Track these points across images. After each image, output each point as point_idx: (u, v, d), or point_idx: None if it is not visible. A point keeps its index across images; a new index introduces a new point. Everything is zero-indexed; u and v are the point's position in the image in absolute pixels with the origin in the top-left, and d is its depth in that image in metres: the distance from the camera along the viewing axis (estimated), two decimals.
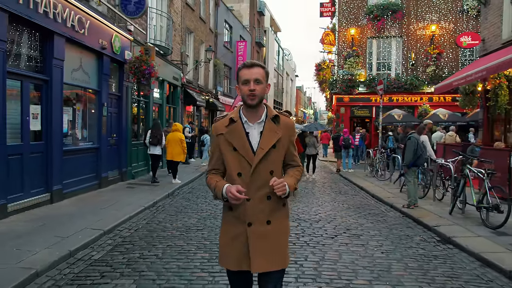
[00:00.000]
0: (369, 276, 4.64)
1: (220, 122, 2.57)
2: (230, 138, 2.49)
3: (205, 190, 10.86)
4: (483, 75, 10.53)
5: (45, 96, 7.80)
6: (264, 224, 2.47)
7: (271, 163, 2.48)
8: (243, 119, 2.53)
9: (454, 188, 8.21)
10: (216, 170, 2.62)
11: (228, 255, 2.53)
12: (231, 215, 2.53)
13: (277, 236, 2.50)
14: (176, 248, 5.60)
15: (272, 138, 2.47)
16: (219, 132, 2.53)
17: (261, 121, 2.52)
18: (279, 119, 2.53)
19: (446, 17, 22.02)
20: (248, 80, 2.45)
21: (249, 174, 2.43)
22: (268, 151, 2.45)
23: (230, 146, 2.49)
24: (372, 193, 10.93)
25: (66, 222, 6.58)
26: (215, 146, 2.58)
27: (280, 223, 2.53)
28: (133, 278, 4.44)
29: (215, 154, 2.60)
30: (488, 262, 5.18)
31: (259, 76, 2.46)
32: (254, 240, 2.44)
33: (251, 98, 2.44)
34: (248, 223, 2.45)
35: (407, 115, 20.32)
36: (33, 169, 7.46)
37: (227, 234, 2.55)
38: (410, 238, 6.47)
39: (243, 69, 2.50)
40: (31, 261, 4.67)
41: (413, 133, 9.14)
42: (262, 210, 2.46)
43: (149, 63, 11.16)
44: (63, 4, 7.90)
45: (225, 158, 2.53)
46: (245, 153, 2.46)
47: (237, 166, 2.48)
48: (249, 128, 2.51)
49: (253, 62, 2.54)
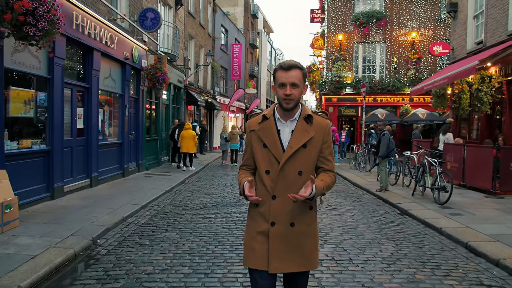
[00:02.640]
0: (341, 230, 6.58)
1: (254, 119, 2.55)
2: (261, 134, 2.46)
3: (211, 179, 12.75)
4: (445, 82, 12.56)
5: (86, 100, 9.63)
6: (287, 226, 2.41)
7: (300, 164, 2.41)
8: (276, 116, 2.49)
9: (416, 175, 10.20)
10: (247, 166, 2.61)
11: (249, 253, 2.47)
12: (256, 211, 2.48)
13: (300, 239, 2.43)
14: (199, 216, 7.48)
15: (303, 138, 2.40)
16: (252, 128, 2.52)
17: (294, 119, 2.46)
18: (312, 119, 2.45)
19: (425, 24, 24.08)
20: (285, 83, 2.36)
21: (277, 172, 2.39)
22: (297, 150, 2.39)
23: (261, 143, 2.46)
24: (353, 181, 12.88)
25: (110, 199, 8.43)
26: (248, 142, 2.57)
27: (305, 226, 2.46)
28: (175, 232, 6.33)
29: (247, 151, 2.59)
30: (428, 224, 7.14)
31: (296, 80, 2.36)
32: (274, 240, 2.39)
33: (287, 102, 2.38)
34: (272, 223, 2.40)
35: (389, 114, 22.40)
36: (78, 159, 9.30)
37: (250, 231, 2.51)
38: (377, 211, 8.41)
39: (280, 71, 2.40)
40: (101, 222, 6.53)
41: (385, 130, 11.12)
42: (287, 211, 2.40)
43: (162, 70, 12.98)
44: (100, 25, 9.72)
45: (255, 154, 2.50)
46: (274, 150, 2.41)
47: (266, 163, 2.43)
48: (281, 125, 2.47)
49: (291, 63, 2.39)
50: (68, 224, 6.25)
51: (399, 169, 12.08)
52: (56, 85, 8.01)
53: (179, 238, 5.98)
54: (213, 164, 18.21)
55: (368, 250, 5.56)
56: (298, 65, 2.38)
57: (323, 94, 25.22)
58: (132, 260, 4.98)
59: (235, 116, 35.57)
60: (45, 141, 7.92)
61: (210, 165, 17.60)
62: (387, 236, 6.35)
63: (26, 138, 7.42)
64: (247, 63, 38.03)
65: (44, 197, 7.75)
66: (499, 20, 12.48)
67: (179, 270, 4.64)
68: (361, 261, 5.06)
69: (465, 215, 7.63)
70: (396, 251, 5.53)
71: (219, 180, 12.77)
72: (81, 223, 6.38)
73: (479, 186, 10.31)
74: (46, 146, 7.89)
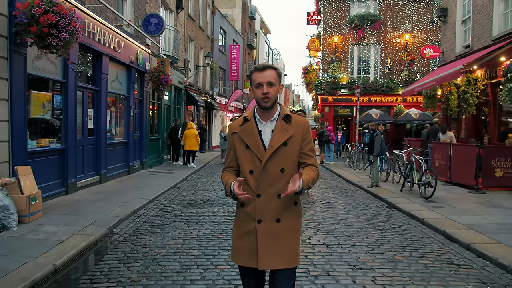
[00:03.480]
0: (332, 221, 7.27)
1: (235, 121, 2.65)
2: (243, 136, 2.55)
3: (212, 176, 13.42)
4: (434, 84, 13.27)
5: (96, 102, 10.28)
6: (274, 222, 2.48)
7: (282, 161, 2.49)
8: (257, 118, 2.58)
9: (404, 171, 10.90)
10: (230, 168, 2.68)
11: (238, 251, 2.56)
12: (243, 211, 2.56)
13: (287, 235, 2.50)
14: (203, 209, 8.15)
15: (282, 136, 2.49)
16: (234, 130, 2.61)
17: (273, 119, 2.55)
18: (290, 118, 2.55)
19: (418, 27, 24.82)
20: (261, 83, 2.47)
21: (260, 171, 2.47)
22: (277, 149, 2.48)
23: (243, 144, 2.55)
24: (347, 179, 13.57)
25: (120, 194, 9.09)
26: (230, 144, 2.65)
27: (290, 221, 2.53)
28: (183, 222, 7.00)
29: (230, 153, 2.67)
30: (413, 216, 7.83)
31: (271, 79, 2.47)
32: (262, 237, 2.46)
33: (265, 101, 2.48)
34: (258, 220, 2.48)
35: (383, 114, 23.13)
36: (89, 157, 9.95)
37: (238, 230, 2.58)
38: (367, 205, 9.10)
39: (255, 72, 2.51)
40: (114, 213, 7.19)
41: (377, 130, 11.83)
42: (272, 208, 2.48)
43: (165, 72, 13.63)
44: (108, 32, 10.36)
45: (238, 156, 2.58)
46: (256, 150, 2.50)
47: (249, 163, 2.52)
48: (262, 126, 2.56)
49: (265, 64, 2.53)
50: (85, 215, 6.91)
51: (389, 167, 12.79)
52: (70, 88, 8.66)
53: (186, 227, 6.65)
54: (213, 163, 18.87)
55: (356, 237, 6.25)
56: (272, 66, 2.52)
57: (319, 95, 25.91)
58: (147, 245, 5.65)
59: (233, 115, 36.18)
60: (60, 140, 8.57)
61: (210, 164, 18.25)
62: (374, 226, 7.03)
63: (44, 137, 8.08)
64: (244, 64, 38.68)
65: (60, 192, 8.41)
66: (484, 26, 13.21)
67: (189, 252, 5.31)
68: (349, 246, 5.75)
69: (447, 208, 8.32)
70: (381, 238, 6.22)
71: (220, 177, 13.39)
72: (97, 214, 7.04)
73: (463, 182, 11.01)
74: (61, 145, 8.55)
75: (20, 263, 4.56)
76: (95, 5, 9.78)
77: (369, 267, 4.87)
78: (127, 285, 4.23)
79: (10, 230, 5.75)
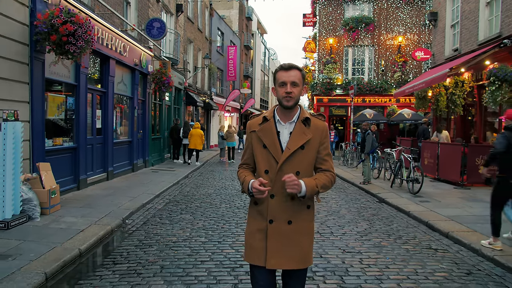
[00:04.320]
0: (326, 213, 7.92)
1: (255, 120, 2.66)
2: (261, 135, 2.55)
3: (212, 174, 14.05)
4: (423, 86, 13.96)
5: (103, 103, 10.88)
6: (285, 224, 2.50)
7: (298, 164, 2.51)
8: (276, 118, 2.58)
9: (394, 169, 11.57)
10: (247, 165, 2.72)
11: (249, 249, 2.58)
12: (255, 210, 2.59)
13: (297, 237, 2.52)
14: (206, 203, 8.78)
15: (300, 140, 2.50)
16: (252, 129, 2.62)
17: (292, 121, 2.55)
18: (310, 121, 2.55)
19: (411, 29, 25.53)
20: (285, 82, 2.47)
21: (275, 172, 2.48)
22: (295, 151, 2.49)
23: (261, 143, 2.56)
24: (340, 176, 14.22)
25: (127, 190, 9.70)
26: (248, 142, 2.68)
27: (302, 224, 2.55)
28: (189, 214, 7.63)
29: (247, 150, 2.69)
30: (400, 209, 8.50)
31: (296, 79, 2.48)
32: (272, 237, 2.49)
33: (287, 100, 2.48)
34: (270, 220, 2.50)
35: (377, 114, 23.82)
36: (97, 155, 10.56)
37: (250, 228, 2.61)
38: (358, 200, 9.76)
39: (280, 71, 2.51)
40: (126, 206, 7.81)
41: (369, 130, 12.49)
42: (285, 209, 2.50)
43: (167, 74, 14.24)
44: (115, 37, 10.96)
45: (255, 154, 2.60)
46: (273, 150, 2.51)
47: (266, 163, 2.54)
48: (280, 127, 2.56)
49: (291, 64, 2.51)
50: (99, 208, 7.53)
51: (381, 165, 13.46)
52: (81, 90, 9.27)
53: (193, 219, 7.28)
54: (212, 161, 19.48)
55: (347, 226, 6.91)
56: (298, 67, 2.52)
57: (314, 95, 26.57)
58: (158, 233, 6.27)
59: (230, 115, 36.85)
60: (72, 139, 9.18)
61: (209, 162, 18.87)
62: (364, 218, 7.69)
63: (58, 136, 8.68)
64: (241, 64, 39.29)
65: (72, 187, 9.01)
66: (471, 31, 13.90)
67: (197, 239, 5.95)
68: (340, 234, 6.40)
69: (432, 202, 9.00)
70: (369, 227, 6.88)
71: (219, 174, 14.06)
72: (109, 207, 7.65)
73: (450, 179, 11.70)
74: (73, 144, 9.16)
75: (50, 247, 5.18)
76: (103, 12, 10.38)
77: (357, 251, 5.52)
78: (146, 265, 4.86)
79: (35, 221, 6.36)
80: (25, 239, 5.48)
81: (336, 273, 4.67)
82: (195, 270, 4.71)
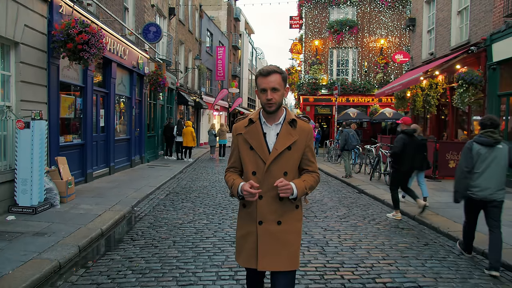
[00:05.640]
0: (311, 201, 8.95)
1: (241, 122, 2.67)
2: (248, 137, 2.57)
3: (205, 169, 15.00)
4: (400, 88, 15.13)
5: (106, 103, 11.75)
6: (275, 224, 2.52)
7: (285, 165, 2.52)
8: (262, 120, 2.59)
9: (373, 163, 12.68)
10: (234, 168, 2.72)
11: (240, 251, 2.63)
12: (245, 212, 2.62)
13: (287, 237, 2.54)
14: (203, 194, 9.74)
15: (287, 140, 2.51)
16: (239, 132, 2.63)
17: (278, 123, 2.56)
18: (296, 123, 2.57)
19: (392, 32, 26.77)
20: (265, 89, 2.46)
21: (263, 173, 2.50)
22: (282, 152, 2.50)
23: (247, 145, 2.56)
24: (325, 171, 15.30)
25: (130, 183, 10.60)
26: (235, 145, 2.67)
27: (291, 224, 2.57)
28: (189, 202, 8.58)
29: (234, 153, 2.70)
30: (376, 198, 9.58)
31: (276, 84, 2.46)
32: (263, 238, 2.51)
33: (269, 106, 2.48)
34: (259, 222, 2.52)
35: (360, 113, 24.96)
36: (101, 151, 11.42)
37: (241, 231, 2.65)
38: (340, 191, 10.82)
39: (260, 77, 2.50)
40: (132, 196, 8.73)
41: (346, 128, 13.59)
42: (274, 210, 2.52)
43: (163, 76, 15.12)
44: (116, 41, 11.83)
45: (242, 157, 2.61)
46: (261, 152, 2.52)
47: (253, 165, 2.55)
48: (267, 129, 2.57)
49: (269, 69, 2.49)
50: (109, 198, 8.44)
51: (362, 160, 14.58)
52: (88, 92, 10.13)
53: (193, 206, 8.24)
54: (203, 158, 20.40)
55: (328, 211, 7.96)
56: (277, 70, 2.49)
57: (301, 95, 27.65)
58: (165, 217, 7.22)
59: (219, 114, 37.77)
60: (80, 136, 10.05)
61: (201, 159, 19.79)
62: (344, 205, 8.75)
63: (68, 134, 9.54)
64: (230, 64, 40.22)
65: (80, 180, 9.87)
66: (445, 37, 15.10)
67: (200, 221, 6.92)
68: (322, 217, 7.44)
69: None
70: (348, 212, 7.94)
71: (212, 170, 15.02)
72: (118, 197, 8.57)
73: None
74: (81, 140, 10.03)
75: (76, 228, 6.09)
76: (106, 19, 11.24)
77: (336, 230, 6.56)
78: (160, 240, 5.81)
79: (56, 207, 7.25)
80: (52, 221, 6.38)
81: (318, 245, 5.70)
82: (202, 243, 5.69)
